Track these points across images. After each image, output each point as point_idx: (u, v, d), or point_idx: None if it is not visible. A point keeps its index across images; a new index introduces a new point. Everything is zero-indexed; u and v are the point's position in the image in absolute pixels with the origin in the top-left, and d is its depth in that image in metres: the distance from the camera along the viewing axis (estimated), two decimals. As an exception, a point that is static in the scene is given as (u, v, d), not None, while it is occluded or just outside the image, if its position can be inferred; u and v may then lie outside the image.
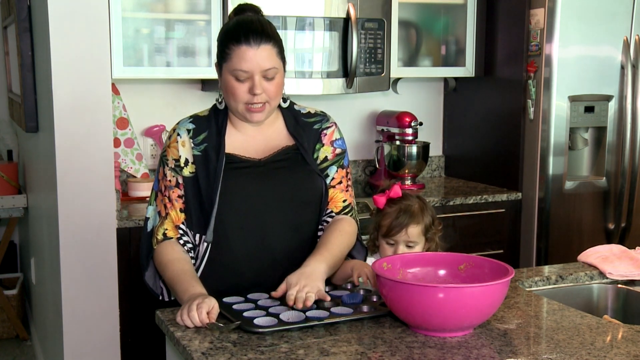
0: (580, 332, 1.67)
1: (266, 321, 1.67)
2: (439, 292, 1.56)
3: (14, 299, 4.22)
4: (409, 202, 2.07)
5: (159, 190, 1.98)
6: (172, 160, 1.96)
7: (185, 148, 1.95)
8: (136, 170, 3.35)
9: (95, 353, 2.78)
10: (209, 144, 1.95)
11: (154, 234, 1.97)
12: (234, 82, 1.87)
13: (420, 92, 3.97)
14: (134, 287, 2.86)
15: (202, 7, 3.14)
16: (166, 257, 1.91)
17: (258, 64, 1.84)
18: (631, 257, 2.25)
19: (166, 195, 1.96)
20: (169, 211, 1.95)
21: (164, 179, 1.97)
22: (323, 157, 2.02)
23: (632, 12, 3.32)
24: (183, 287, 1.81)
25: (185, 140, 1.96)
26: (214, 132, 1.96)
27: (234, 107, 1.92)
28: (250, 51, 1.84)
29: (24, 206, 3.94)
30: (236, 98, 1.88)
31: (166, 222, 1.95)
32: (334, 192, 2.02)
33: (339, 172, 2.04)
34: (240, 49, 1.84)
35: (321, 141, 2.03)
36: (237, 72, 1.85)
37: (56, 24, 2.61)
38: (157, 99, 3.45)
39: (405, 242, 2.04)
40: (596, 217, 3.43)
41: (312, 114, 2.07)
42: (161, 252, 1.93)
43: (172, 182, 1.96)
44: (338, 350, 1.54)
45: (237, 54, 1.84)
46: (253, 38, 1.84)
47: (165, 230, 1.95)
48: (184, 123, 1.99)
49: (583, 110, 3.34)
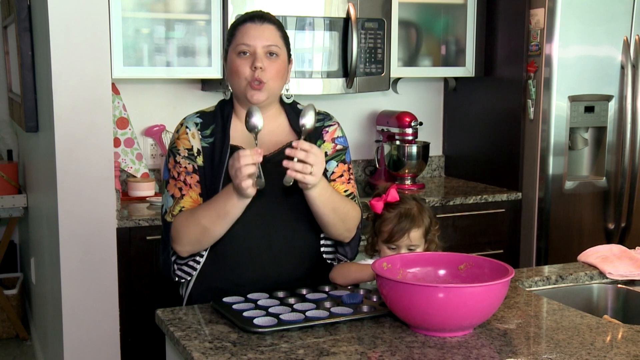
0: (580, 332, 1.67)
1: (266, 321, 1.67)
2: (439, 292, 1.56)
3: (14, 298, 4.22)
4: (408, 206, 2.04)
5: (171, 177, 1.97)
6: (185, 150, 1.97)
7: (195, 140, 1.98)
8: (136, 170, 3.35)
9: (95, 353, 2.78)
10: (216, 136, 1.98)
11: (168, 212, 1.94)
12: (237, 59, 1.93)
13: (420, 92, 3.97)
14: (134, 287, 2.86)
15: (202, 7, 3.14)
16: (187, 214, 1.89)
17: (260, 38, 1.93)
18: (631, 257, 2.25)
19: (181, 179, 1.95)
20: (184, 193, 1.94)
21: (175, 166, 1.96)
22: (323, 152, 2.03)
23: (632, 12, 3.32)
24: (215, 199, 1.85)
25: (194, 132, 1.98)
26: (219, 125, 1.99)
27: (237, 86, 1.95)
28: (253, 27, 1.94)
29: (24, 206, 3.94)
30: (239, 75, 1.93)
31: (182, 201, 1.93)
32: (334, 185, 2.02)
33: (340, 166, 2.05)
34: (245, 26, 1.95)
35: (322, 138, 2.06)
36: (240, 46, 1.92)
37: (56, 24, 2.61)
38: (157, 99, 3.45)
39: (407, 246, 2.01)
40: (596, 217, 3.43)
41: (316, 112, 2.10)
42: (180, 215, 1.91)
43: (188, 169, 1.95)
44: (338, 350, 1.54)
45: (241, 31, 1.94)
46: (257, 18, 1.97)
47: (182, 207, 1.93)
48: (191, 117, 2.02)
49: (583, 110, 3.34)
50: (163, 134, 3.38)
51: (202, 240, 1.89)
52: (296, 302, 1.81)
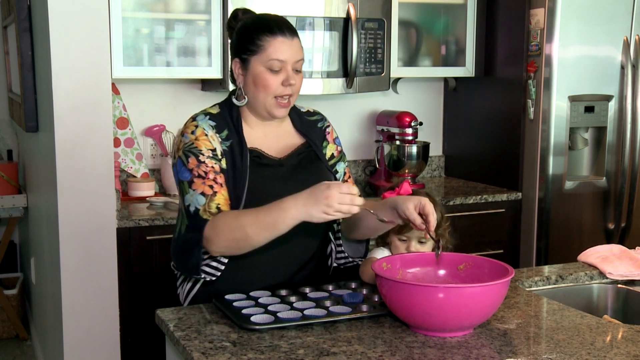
0: (580, 332, 1.67)
1: (263, 319, 1.67)
2: (439, 292, 1.56)
3: (14, 298, 4.22)
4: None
5: (195, 177, 1.87)
6: (208, 150, 1.89)
7: (216, 142, 1.92)
8: (136, 170, 3.35)
9: (95, 353, 2.78)
10: (232, 140, 1.94)
11: (203, 209, 1.85)
12: (267, 73, 1.89)
13: (420, 92, 3.97)
14: (134, 287, 2.86)
15: (202, 7, 3.14)
16: (230, 217, 1.82)
17: (293, 54, 1.90)
18: (631, 257, 2.25)
19: (210, 178, 1.87)
20: (216, 190, 1.86)
21: (200, 166, 1.87)
22: (330, 154, 2.09)
23: (632, 12, 3.32)
24: (265, 210, 1.77)
25: (213, 135, 1.92)
26: (232, 130, 1.95)
27: (262, 100, 1.91)
28: (287, 42, 1.89)
29: (24, 206, 3.94)
30: (268, 90, 1.89)
31: (216, 198, 1.86)
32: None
33: (345, 168, 2.12)
34: (277, 39, 1.88)
35: (326, 139, 2.09)
36: (273, 61, 1.88)
37: (56, 24, 2.61)
38: (157, 99, 3.45)
39: (417, 238, 2.03)
40: (596, 217, 3.43)
41: (312, 112, 2.13)
42: (222, 216, 1.83)
43: (215, 168, 1.88)
44: (338, 350, 1.54)
45: (273, 45, 1.88)
46: (287, 30, 1.91)
47: (219, 205, 1.86)
48: (203, 119, 1.95)
49: (583, 110, 3.34)
50: (163, 134, 3.38)
51: (242, 246, 1.82)
52: (297, 300, 1.82)
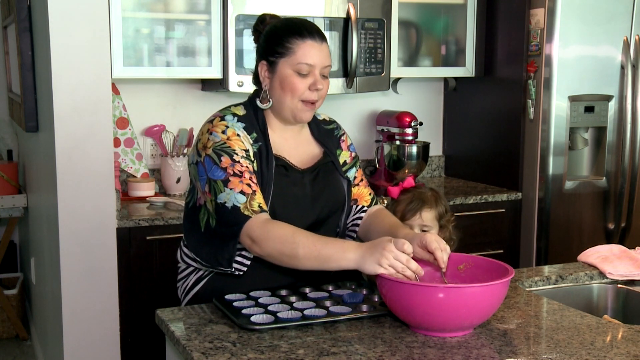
0: (580, 332, 1.67)
1: (263, 319, 1.67)
2: (439, 292, 1.56)
3: (14, 298, 4.22)
4: (422, 190, 2.21)
5: (231, 175, 1.83)
6: (242, 151, 1.87)
7: (247, 144, 1.91)
8: (136, 170, 3.35)
9: (95, 353, 2.78)
10: (260, 143, 1.93)
11: (245, 207, 1.81)
12: (295, 77, 1.90)
13: (420, 92, 3.97)
14: (134, 287, 2.86)
15: (202, 7, 3.14)
16: (289, 230, 1.79)
17: (321, 59, 1.91)
18: (631, 257, 2.25)
19: (246, 177, 1.84)
20: (254, 189, 1.84)
21: (235, 165, 1.84)
22: (343, 161, 2.11)
23: (632, 12, 3.32)
24: (326, 240, 1.77)
25: (245, 136, 1.91)
26: (259, 133, 1.94)
27: (288, 103, 1.92)
28: (317, 46, 1.91)
29: (24, 206, 3.94)
30: (295, 93, 1.90)
31: (256, 197, 1.84)
32: (359, 189, 2.12)
33: (359, 171, 2.15)
34: (306, 43, 1.90)
35: (340, 147, 2.13)
36: (302, 65, 1.89)
37: (56, 24, 2.61)
38: (157, 99, 3.45)
39: (420, 226, 2.13)
40: (596, 217, 3.43)
41: (328, 121, 2.16)
42: (278, 224, 1.80)
43: (250, 169, 1.87)
44: (338, 350, 1.54)
45: (303, 48, 1.89)
46: (317, 35, 1.93)
47: (260, 204, 1.83)
48: (232, 121, 1.92)
49: (583, 110, 3.34)
50: (163, 134, 3.38)
51: (285, 261, 1.79)
52: (297, 300, 1.82)
